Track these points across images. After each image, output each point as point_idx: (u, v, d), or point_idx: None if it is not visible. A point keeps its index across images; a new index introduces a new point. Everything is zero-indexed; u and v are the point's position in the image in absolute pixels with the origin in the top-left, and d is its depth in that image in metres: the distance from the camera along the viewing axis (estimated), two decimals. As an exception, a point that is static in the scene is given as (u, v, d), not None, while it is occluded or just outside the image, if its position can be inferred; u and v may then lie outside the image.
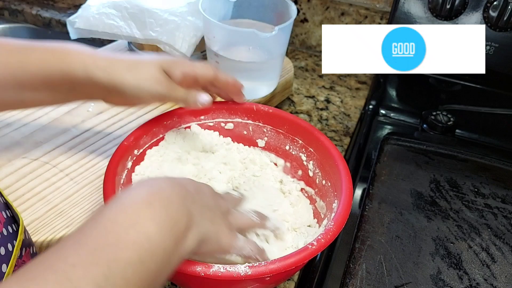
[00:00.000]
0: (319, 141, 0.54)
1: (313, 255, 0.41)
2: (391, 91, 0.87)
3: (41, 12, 1.07)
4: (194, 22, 0.74)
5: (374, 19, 0.92)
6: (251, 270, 0.38)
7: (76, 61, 0.46)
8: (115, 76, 0.47)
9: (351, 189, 0.47)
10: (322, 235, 0.42)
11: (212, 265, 0.38)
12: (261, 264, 0.39)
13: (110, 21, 0.75)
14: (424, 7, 0.74)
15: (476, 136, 0.78)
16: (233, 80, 0.54)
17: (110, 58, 0.48)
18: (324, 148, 0.53)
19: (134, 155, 0.53)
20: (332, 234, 0.42)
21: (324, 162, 0.54)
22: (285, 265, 0.39)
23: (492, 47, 0.72)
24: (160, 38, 0.73)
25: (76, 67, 0.46)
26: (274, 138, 0.59)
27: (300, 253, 0.40)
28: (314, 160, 0.55)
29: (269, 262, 0.39)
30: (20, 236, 0.38)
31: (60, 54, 0.47)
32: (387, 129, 0.78)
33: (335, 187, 0.50)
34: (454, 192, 0.63)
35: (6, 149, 0.60)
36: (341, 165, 0.50)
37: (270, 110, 0.58)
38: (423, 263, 0.53)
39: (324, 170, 0.54)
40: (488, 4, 0.70)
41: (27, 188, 0.55)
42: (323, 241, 0.41)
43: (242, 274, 0.38)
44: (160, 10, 0.74)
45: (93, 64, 0.47)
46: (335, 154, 0.52)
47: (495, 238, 0.57)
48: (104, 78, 0.46)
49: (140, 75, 0.47)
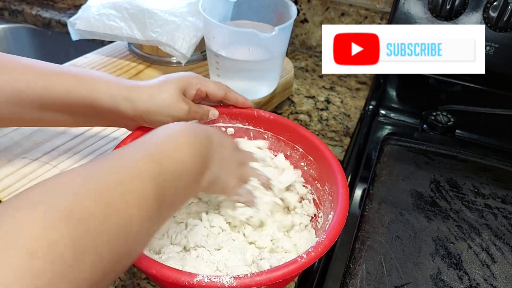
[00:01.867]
0: (319, 151, 0.54)
1: (302, 268, 0.40)
2: (391, 92, 0.87)
3: (41, 13, 1.07)
4: (194, 22, 0.74)
5: (374, 20, 0.92)
6: (236, 282, 0.38)
7: (103, 90, 0.48)
8: (139, 106, 0.49)
9: (347, 202, 0.47)
10: (313, 248, 0.41)
11: (197, 275, 0.38)
12: (247, 276, 0.39)
13: (110, 22, 0.75)
14: (424, 7, 0.74)
15: (476, 137, 0.78)
16: (243, 99, 0.58)
17: (133, 86, 0.50)
18: (323, 158, 0.53)
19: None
20: (323, 247, 0.42)
21: (322, 172, 0.54)
22: (272, 277, 0.39)
23: (492, 48, 0.72)
24: (160, 39, 0.73)
25: (103, 97, 0.48)
26: (275, 144, 0.59)
27: (288, 266, 0.40)
28: (314, 169, 0.55)
29: (255, 274, 0.39)
30: None
31: (88, 82, 0.48)
32: (387, 129, 0.78)
33: (332, 198, 0.50)
34: (454, 193, 0.63)
35: (6, 149, 0.60)
36: (339, 176, 0.50)
37: (271, 117, 0.58)
38: (423, 263, 0.53)
39: (322, 180, 0.54)
40: (488, 4, 0.70)
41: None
42: (313, 255, 0.41)
43: (227, 285, 0.38)
44: (160, 10, 0.74)
45: (119, 95, 0.49)
46: (334, 165, 0.51)
47: (495, 238, 0.57)
48: (129, 108, 0.49)
49: (162, 101, 0.50)
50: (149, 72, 0.79)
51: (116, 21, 0.75)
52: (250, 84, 0.71)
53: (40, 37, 1.07)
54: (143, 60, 0.81)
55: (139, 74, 0.78)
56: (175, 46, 0.73)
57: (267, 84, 0.73)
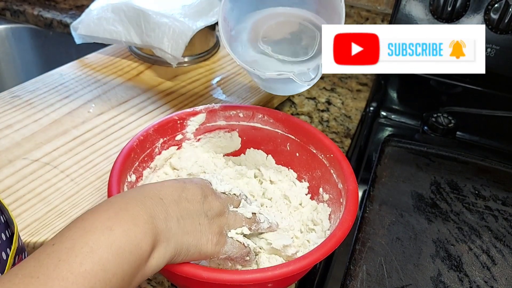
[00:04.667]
0: (332, 152, 0.54)
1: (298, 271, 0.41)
2: (392, 93, 0.87)
3: (42, 13, 1.07)
4: (184, 23, 0.74)
5: (375, 21, 0.92)
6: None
7: None
8: None
9: (355, 212, 0.46)
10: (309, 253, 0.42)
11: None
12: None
13: (110, 26, 0.76)
14: (425, 9, 0.74)
15: (476, 138, 0.77)
16: None
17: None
18: (337, 161, 0.53)
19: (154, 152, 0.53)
20: (323, 252, 0.42)
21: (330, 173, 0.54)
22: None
23: (493, 50, 0.72)
24: (153, 42, 0.73)
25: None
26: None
27: (277, 268, 0.40)
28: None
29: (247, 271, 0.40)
30: (15, 244, 0.37)
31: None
32: (388, 131, 0.78)
33: (340, 202, 0.50)
34: (455, 194, 0.63)
35: (7, 150, 0.60)
36: (351, 186, 0.49)
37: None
38: (423, 265, 0.53)
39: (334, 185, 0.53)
40: (489, 6, 0.70)
41: (27, 189, 0.55)
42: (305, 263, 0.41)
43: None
44: (153, 12, 0.74)
45: None
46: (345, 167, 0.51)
47: (495, 240, 0.57)
48: None
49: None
50: (150, 73, 0.79)
51: (115, 25, 0.76)
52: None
53: (42, 38, 1.07)
54: (143, 61, 0.81)
55: (140, 75, 0.78)
56: (163, 48, 0.73)
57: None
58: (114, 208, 0.35)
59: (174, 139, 0.56)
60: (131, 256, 0.33)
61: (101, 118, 0.67)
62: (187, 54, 0.80)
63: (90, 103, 0.70)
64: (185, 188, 0.40)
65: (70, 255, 0.30)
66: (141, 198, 0.36)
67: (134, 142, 0.51)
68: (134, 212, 0.35)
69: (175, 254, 0.37)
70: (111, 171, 0.47)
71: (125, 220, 0.34)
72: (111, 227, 0.33)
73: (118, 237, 0.32)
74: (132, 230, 0.33)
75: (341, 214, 0.47)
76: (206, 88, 0.77)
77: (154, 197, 0.37)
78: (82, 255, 0.30)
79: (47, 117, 0.67)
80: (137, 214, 0.35)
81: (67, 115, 0.67)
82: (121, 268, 0.32)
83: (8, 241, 0.37)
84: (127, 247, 0.33)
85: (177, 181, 0.41)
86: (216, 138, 0.59)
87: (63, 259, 0.30)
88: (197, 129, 0.58)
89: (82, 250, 0.31)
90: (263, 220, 0.45)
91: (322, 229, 0.51)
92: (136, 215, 0.34)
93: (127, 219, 0.34)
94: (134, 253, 0.33)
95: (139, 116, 0.68)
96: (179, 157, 0.57)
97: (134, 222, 0.34)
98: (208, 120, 0.58)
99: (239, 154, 0.61)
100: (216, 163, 0.59)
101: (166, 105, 0.72)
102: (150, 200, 0.37)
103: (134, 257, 0.33)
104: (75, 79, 0.75)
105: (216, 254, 0.41)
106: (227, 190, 0.44)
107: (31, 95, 0.71)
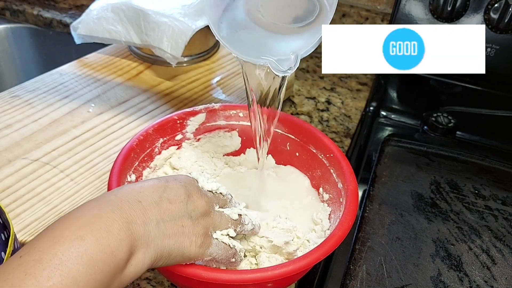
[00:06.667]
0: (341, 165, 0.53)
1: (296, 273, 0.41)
2: (392, 93, 0.87)
3: (42, 13, 1.07)
4: (184, 23, 0.74)
5: (375, 21, 0.92)
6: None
7: None
8: None
9: (355, 211, 0.46)
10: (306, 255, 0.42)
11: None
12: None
13: (109, 26, 0.76)
14: (425, 9, 0.74)
15: (476, 138, 0.77)
16: None
17: None
18: (336, 160, 0.53)
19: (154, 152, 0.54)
20: (320, 254, 0.42)
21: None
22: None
23: (493, 49, 0.72)
24: (152, 42, 0.73)
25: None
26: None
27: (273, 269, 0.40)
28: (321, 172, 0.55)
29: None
30: (10, 248, 0.36)
31: None
32: (388, 130, 0.78)
33: (341, 203, 0.50)
34: (455, 194, 0.63)
35: (7, 150, 0.60)
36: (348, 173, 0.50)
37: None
38: (423, 264, 0.53)
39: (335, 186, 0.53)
40: (489, 6, 0.70)
41: (27, 188, 0.55)
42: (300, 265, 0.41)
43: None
44: (153, 11, 0.74)
45: None
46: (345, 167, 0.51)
47: (495, 240, 0.57)
48: None
49: None
50: (149, 73, 0.79)
51: (114, 24, 0.76)
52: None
53: (41, 37, 1.07)
54: (143, 61, 0.81)
55: (140, 74, 0.78)
56: (163, 47, 0.73)
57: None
58: (86, 215, 0.33)
59: (174, 139, 0.56)
60: (104, 266, 0.31)
61: (101, 118, 0.67)
62: (187, 54, 0.80)
63: (89, 103, 0.70)
64: (167, 187, 0.38)
65: (37, 268, 0.28)
66: (117, 202, 0.34)
67: (134, 142, 0.51)
68: (108, 218, 0.33)
69: (156, 258, 0.36)
70: (111, 171, 0.47)
71: (97, 228, 0.32)
72: (82, 236, 0.31)
73: (90, 247, 0.31)
74: (105, 238, 0.32)
75: (341, 214, 0.47)
76: (206, 88, 0.77)
77: (132, 200, 0.35)
78: (50, 268, 0.28)
79: (46, 116, 0.67)
80: (112, 221, 0.33)
81: (67, 115, 0.67)
82: (93, 279, 0.30)
83: (4, 243, 0.37)
84: (99, 256, 0.31)
85: (159, 180, 0.39)
86: (216, 138, 0.59)
87: (29, 273, 0.28)
88: (197, 129, 0.58)
89: (51, 262, 0.29)
90: (247, 222, 0.44)
91: (322, 228, 0.51)
92: (110, 222, 0.33)
93: (100, 226, 0.32)
94: (108, 263, 0.31)
95: (138, 116, 0.68)
96: (179, 157, 0.57)
97: (107, 229, 0.32)
98: (208, 120, 0.58)
99: (239, 154, 0.60)
100: (216, 163, 0.59)
101: (166, 104, 0.72)
102: (127, 204, 0.35)
103: (108, 266, 0.31)
104: (75, 79, 0.75)
105: (200, 256, 0.39)
106: (214, 189, 0.42)
107: (31, 95, 0.71)
